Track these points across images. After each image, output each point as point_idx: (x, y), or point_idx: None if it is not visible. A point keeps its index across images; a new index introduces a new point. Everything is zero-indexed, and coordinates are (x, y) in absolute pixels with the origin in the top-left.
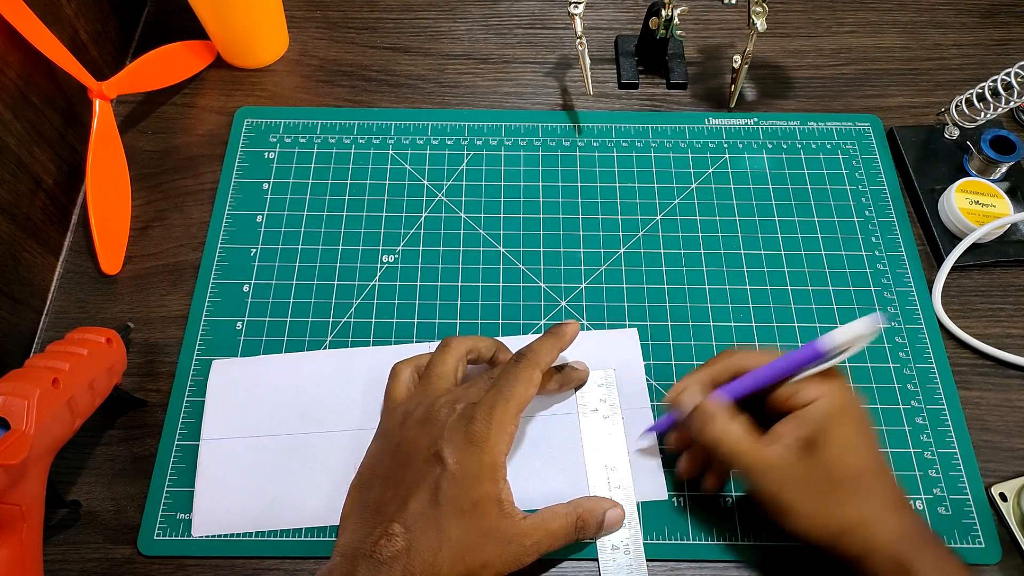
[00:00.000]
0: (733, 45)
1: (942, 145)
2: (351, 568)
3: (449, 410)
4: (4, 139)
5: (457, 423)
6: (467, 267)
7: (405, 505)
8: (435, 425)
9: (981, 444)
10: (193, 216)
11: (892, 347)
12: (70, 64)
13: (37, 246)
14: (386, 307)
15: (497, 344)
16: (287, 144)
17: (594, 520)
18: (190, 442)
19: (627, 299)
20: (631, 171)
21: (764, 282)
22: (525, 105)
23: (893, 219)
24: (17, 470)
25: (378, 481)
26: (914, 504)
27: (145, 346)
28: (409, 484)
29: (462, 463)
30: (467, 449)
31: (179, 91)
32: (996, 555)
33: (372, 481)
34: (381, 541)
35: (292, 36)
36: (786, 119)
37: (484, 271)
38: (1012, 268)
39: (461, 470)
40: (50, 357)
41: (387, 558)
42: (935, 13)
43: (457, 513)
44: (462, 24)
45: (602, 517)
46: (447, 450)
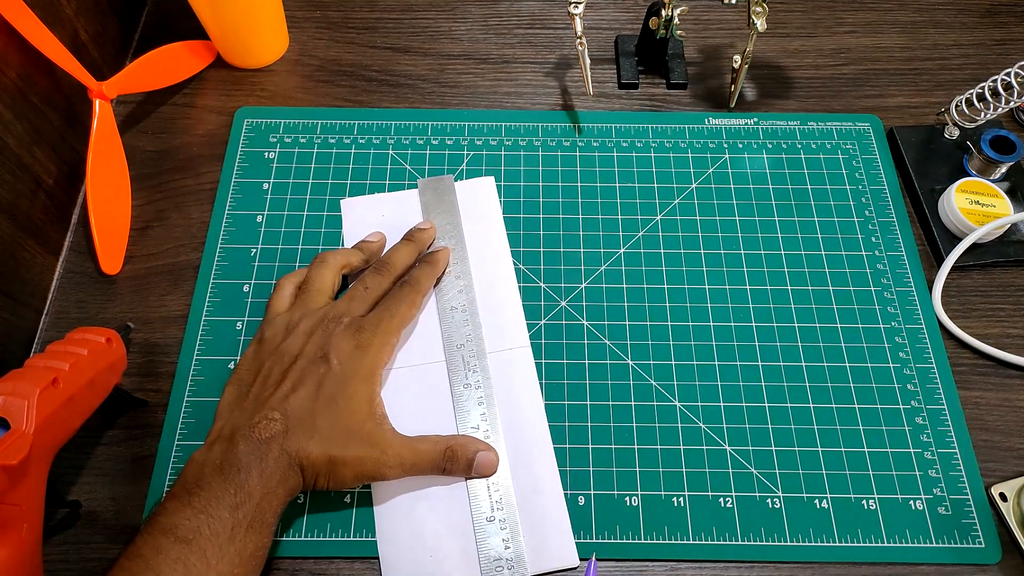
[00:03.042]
0: (733, 45)
1: (942, 145)
2: (230, 444)
3: (336, 322)
4: (4, 139)
5: (345, 331)
6: None
7: (287, 398)
8: (323, 334)
9: (981, 444)
10: (193, 216)
11: (892, 347)
12: (70, 64)
13: (37, 246)
14: None
15: (366, 256)
16: (287, 144)
17: (464, 455)
18: (190, 442)
19: (627, 299)
20: (631, 171)
21: (764, 282)
22: (525, 105)
23: (893, 219)
24: (17, 470)
25: (260, 379)
26: (914, 504)
27: (145, 346)
28: (293, 381)
29: (345, 364)
30: (352, 353)
31: (179, 91)
32: (996, 555)
33: (252, 379)
34: (261, 423)
35: (292, 36)
36: (786, 119)
37: None
38: (1012, 268)
39: (343, 370)
40: (50, 357)
41: (265, 438)
42: (935, 13)
43: (332, 408)
44: (462, 24)
45: (472, 455)
46: (333, 353)
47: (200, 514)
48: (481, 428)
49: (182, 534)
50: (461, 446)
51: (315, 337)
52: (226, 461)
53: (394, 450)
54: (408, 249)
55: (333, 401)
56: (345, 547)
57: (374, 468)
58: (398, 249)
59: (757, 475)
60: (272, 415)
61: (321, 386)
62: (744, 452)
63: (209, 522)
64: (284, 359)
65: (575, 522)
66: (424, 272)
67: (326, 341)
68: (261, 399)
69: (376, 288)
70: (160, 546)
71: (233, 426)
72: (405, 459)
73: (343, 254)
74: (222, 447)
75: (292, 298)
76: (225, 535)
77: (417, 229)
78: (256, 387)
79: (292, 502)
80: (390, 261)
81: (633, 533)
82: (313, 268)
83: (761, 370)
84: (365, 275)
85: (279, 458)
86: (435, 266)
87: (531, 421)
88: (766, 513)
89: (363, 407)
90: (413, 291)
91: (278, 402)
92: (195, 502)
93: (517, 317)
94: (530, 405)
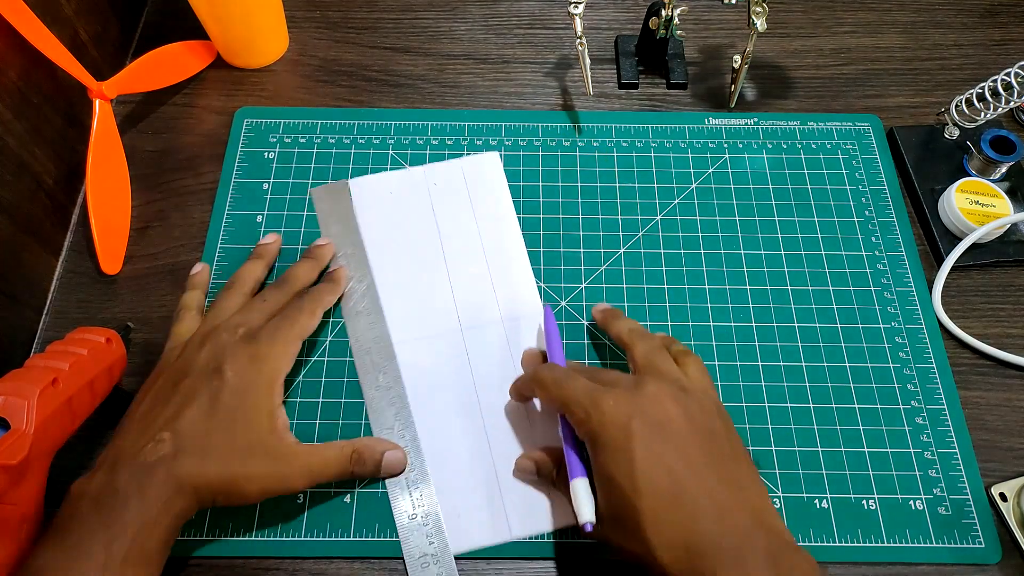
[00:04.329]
0: (733, 45)
1: (942, 145)
2: (111, 472)
3: (231, 333)
4: (4, 139)
5: (240, 342)
6: None
7: (178, 415)
8: (216, 346)
9: (981, 444)
10: (193, 216)
11: (892, 347)
12: (70, 64)
13: (37, 246)
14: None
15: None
16: (287, 144)
17: (371, 456)
18: None
19: (627, 299)
20: (631, 171)
21: (764, 282)
22: (525, 105)
23: (893, 219)
24: (17, 470)
25: (150, 397)
26: (914, 504)
27: (145, 346)
28: (185, 395)
29: (241, 376)
30: (248, 365)
31: (179, 91)
32: (996, 555)
33: (143, 399)
34: (147, 446)
35: (292, 36)
36: (786, 119)
37: None
38: (1012, 268)
39: (240, 383)
40: (50, 357)
41: (151, 462)
42: (935, 13)
43: (229, 422)
44: (462, 24)
45: (380, 456)
46: (228, 365)
47: (72, 551)
48: (396, 428)
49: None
50: (367, 447)
51: (207, 348)
52: (103, 492)
53: (300, 460)
54: (308, 266)
55: (230, 416)
56: (345, 547)
57: (280, 482)
58: (299, 266)
59: None
60: (160, 436)
61: (216, 400)
62: None
63: (78, 560)
64: (176, 374)
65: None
66: (324, 287)
67: (220, 352)
68: (149, 419)
69: (274, 301)
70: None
71: (118, 451)
72: (313, 468)
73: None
74: (102, 476)
75: (193, 324)
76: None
77: (316, 246)
78: (145, 406)
79: (292, 502)
80: (290, 277)
81: None
82: (223, 292)
83: (761, 370)
84: (265, 290)
85: (165, 482)
86: (336, 283)
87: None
88: None
89: (263, 420)
90: (312, 302)
91: (166, 421)
92: (68, 540)
93: (530, 287)
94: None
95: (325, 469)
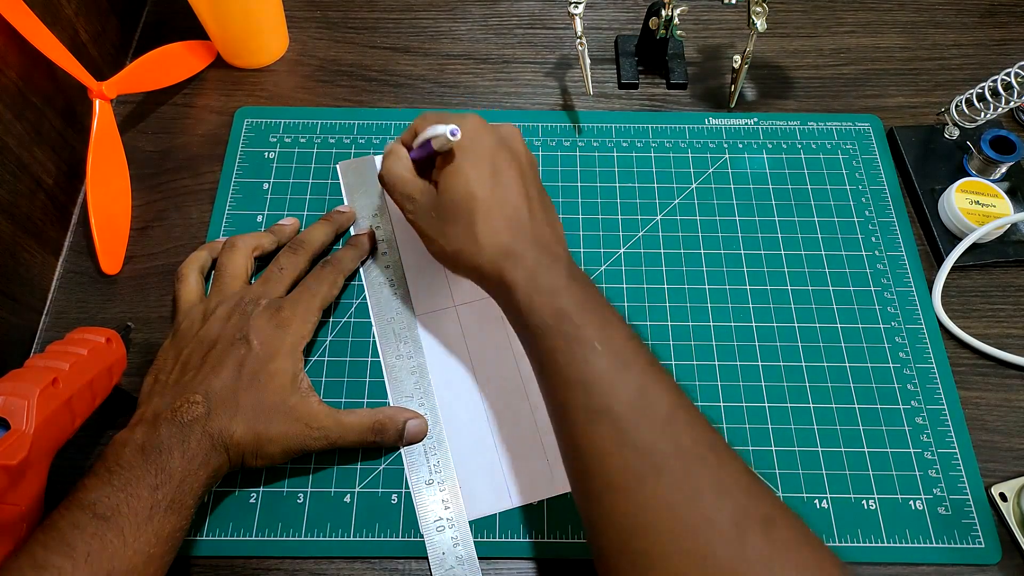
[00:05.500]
0: (733, 45)
1: (942, 145)
2: (152, 427)
3: (254, 304)
4: (4, 139)
5: (264, 312)
6: None
7: (207, 380)
8: (241, 316)
9: (981, 444)
10: (193, 216)
11: (892, 347)
12: (70, 64)
13: (37, 246)
14: None
15: (278, 239)
16: (287, 144)
17: (393, 426)
18: None
19: (627, 299)
20: (631, 171)
21: (764, 282)
22: (525, 105)
23: (893, 219)
24: (17, 470)
25: (179, 366)
26: (914, 504)
27: (145, 346)
28: (213, 364)
29: (266, 343)
30: (272, 332)
31: (179, 91)
32: (996, 555)
33: (172, 367)
34: (183, 407)
35: (292, 36)
36: (786, 119)
37: None
38: (1012, 268)
39: (264, 349)
40: (50, 357)
41: (188, 421)
42: (935, 13)
43: (254, 386)
44: (462, 24)
45: (402, 425)
46: (253, 334)
47: (120, 492)
48: (415, 397)
49: (100, 511)
50: (390, 418)
51: (233, 320)
52: (148, 442)
53: (319, 422)
54: (324, 228)
55: (255, 379)
56: (345, 547)
57: (300, 442)
58: (314, 228)
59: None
60: (193, 398)
61: (243, 366)
62: (744, 452)
63: (128, 500)
64: (203, 345)
65: (577, 522)
66: (347, 253)
67: (244, 323)
68: (182, 384)
69: (291, 268)
70: (78, 521)
71: (155, 410)
72: (331, 432)
73: (253, 237)
74: (144, 429)
75: (199, 285)
76: (144, 514)
77: (336, 211)
78: (175, 373)
79: (292, 501)
80: (306, 240)
81: None
82: (224, 254)
83: (761, 370)
84: (280, 255)
85: (201, 440)
86: (359, 248)
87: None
88: None
89: (286, 383)
90: (334, 271)
91: (199, 384)
92: (115, 480)
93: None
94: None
95: (345, 434)
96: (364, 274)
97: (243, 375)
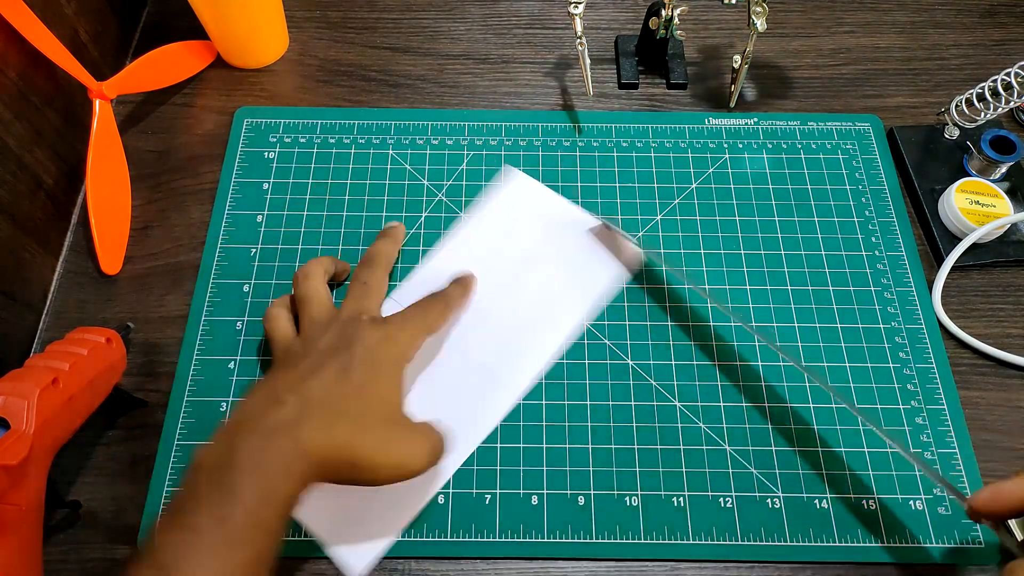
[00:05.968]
0: (733, 45)
1: (942, 145)
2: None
3: (356, 320)
4: (4, 139)
5: (369, 324)
6: None
7: (304, 381)
8: (344, 328)
9: (981, 444)
10: (193, 216)
11: (892, 347)
12: (70, 64)
13: (37, 246)
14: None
15: (347, 266)
16: (287, 144)
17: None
18: (190, 442)
19: (627, 299)
20: (631, 171)
21: (764, 282)
22: (525, 105)
23: (893, 219)
24: (17, 470)
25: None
26: (914, 504)
27: (145, 346)
28: (313, 365)
29: (372, 352)
30: (379, 343)
31: (179, 91)
32: (996, 555)
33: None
34: (269, 410)
35: (292, 36)
36: (786, 119)
37: None
38: (1012, 268)
39: (371, 357)
40: (50, 357)
41: (271, 427)
42: (935, 13)
43: (362, 392)
44: (462, 24)
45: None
46: (357, 342)
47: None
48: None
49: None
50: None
51: (332, 332)
52: (220, 463)
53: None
54: (390, 244)
55: (362, 385)
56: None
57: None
58: (381, 244)
59: (757, 475)
60: (284, 398)
61: (347, 370)
62: (744, 452)
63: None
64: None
65: (576, 522)
66: (457, 291)
67: (348, 333)
68: (271, 387)
69: (374, 280)
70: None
71: (240, 417)
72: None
73: (318, 263)
74: (220, 445)
75: (291, 322)
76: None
77: (391, 227)
78: (267, 380)
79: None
80: (377, 253)
81: (633, 533)
82: (302, 285)
83: (761, 370)
84: (358, 271)
85: (285, 449)
86: (467, 288)
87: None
88: (766, 513)
89: (395, 395)
90: (446, 306)
91: (291, 386)
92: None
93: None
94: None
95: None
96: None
97: (349, 379)
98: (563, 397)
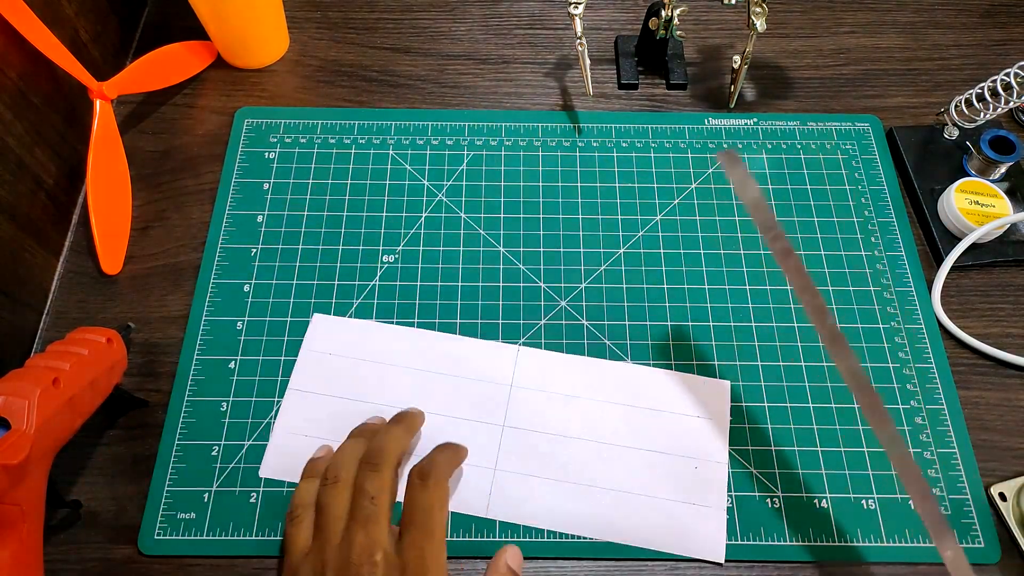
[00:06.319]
0: (733, 45)
1: (942, 145)
2: None
3: (370, 566)
4: (4, 139)
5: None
6: (467, 267)
7: None
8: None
9: (981, 444)
10: (193, 216)
11: (892, 347)
12: (70, 64)
13: (37, 246)
14: (386, 307)
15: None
16: (287, 144)
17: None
18: (190, 442)
19: (627, 299)
20: (631, 171)
21: (764, 282)
22: (525, 105)
23: (893, 219)
24: (17, 470)
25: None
26: (914, 504)
27: (145, 346)
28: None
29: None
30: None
31: (179, 91)
32: (996, 555)
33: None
34: None
35: (292, 36)
36: (786, 119)
37: (484, 271)
38: (1012, 268)
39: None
40: (50, 357)
41: None
42: (935, 13)
43: None
44: (462, 24)
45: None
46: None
47: None
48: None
49: None
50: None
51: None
52: None
53: None
54: (399, 433)
55: None
56: None
57: None
58: (389, 434)
59: (757, 475)
60: None
61: None
62: (744, 452)
63: None
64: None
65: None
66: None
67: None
68: None
69: (381, 493)
70: None
71: None
72: None
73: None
74: None
75: (310, 531)
76: None
77: (405, 413)
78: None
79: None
80: (382, 450)
81: None
82: (328, 492)
83: (761, 370)
84: (364, 480)
85: None
86: (458, 451)
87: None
88: (766, 513)
89: None
90: (438, 487)
91: None
92: None
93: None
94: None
95: None
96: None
97: None
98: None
